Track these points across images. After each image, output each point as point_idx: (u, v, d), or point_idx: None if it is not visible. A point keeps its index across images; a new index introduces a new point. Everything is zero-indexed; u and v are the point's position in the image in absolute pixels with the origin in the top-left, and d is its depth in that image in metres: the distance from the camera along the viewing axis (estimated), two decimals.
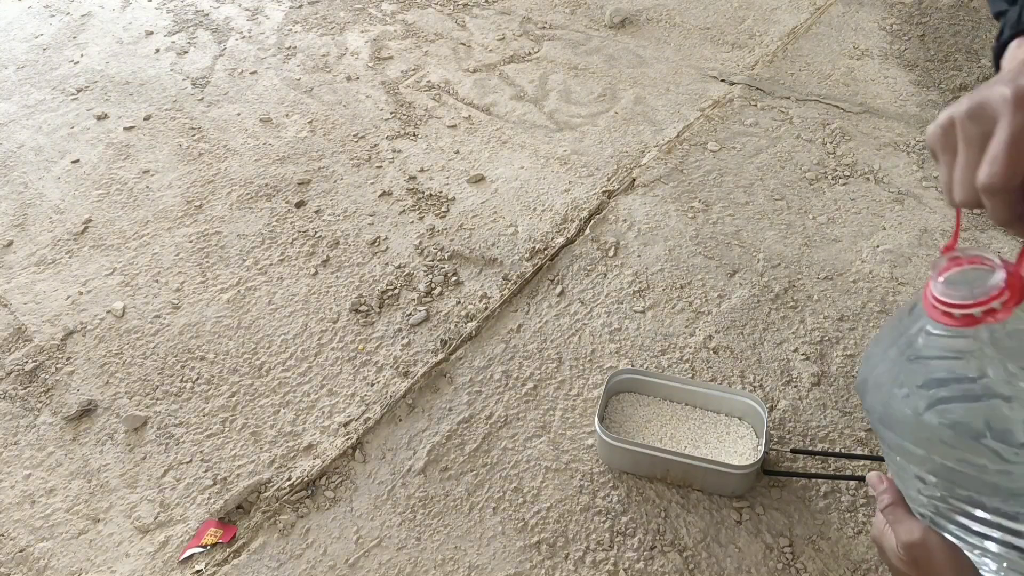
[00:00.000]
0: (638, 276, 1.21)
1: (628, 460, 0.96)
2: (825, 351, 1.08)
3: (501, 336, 1.15)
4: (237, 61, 1.85)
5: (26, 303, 1.29)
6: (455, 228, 1.34)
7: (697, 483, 0.95)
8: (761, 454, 0.92)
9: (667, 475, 0.95)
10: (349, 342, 1.17)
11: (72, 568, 0.95)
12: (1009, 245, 1.21)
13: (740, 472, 0.89)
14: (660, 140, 1.49)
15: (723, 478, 0.91)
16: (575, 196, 1.38)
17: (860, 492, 0.92)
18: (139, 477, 1.04)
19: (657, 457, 0.92)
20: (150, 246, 1.37)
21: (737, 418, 0.99)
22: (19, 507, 1.02)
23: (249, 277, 1.29)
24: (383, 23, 1.95)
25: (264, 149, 1.57)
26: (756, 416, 0.96)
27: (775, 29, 1.79)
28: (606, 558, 0.89)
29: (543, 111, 1.60)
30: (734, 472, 0.89)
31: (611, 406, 1.02)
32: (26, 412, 1.13)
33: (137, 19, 2.05)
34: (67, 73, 1.86)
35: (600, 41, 1.80)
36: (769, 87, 1.60)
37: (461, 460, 1.00)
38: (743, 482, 0.92)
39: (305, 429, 1.06)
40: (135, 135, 1.64)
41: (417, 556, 0.91)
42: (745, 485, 0.93)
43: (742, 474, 0.89)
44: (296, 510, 0.97)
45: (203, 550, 0.94)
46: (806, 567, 0.86)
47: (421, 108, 1.64)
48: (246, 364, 1.16)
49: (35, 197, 1.51)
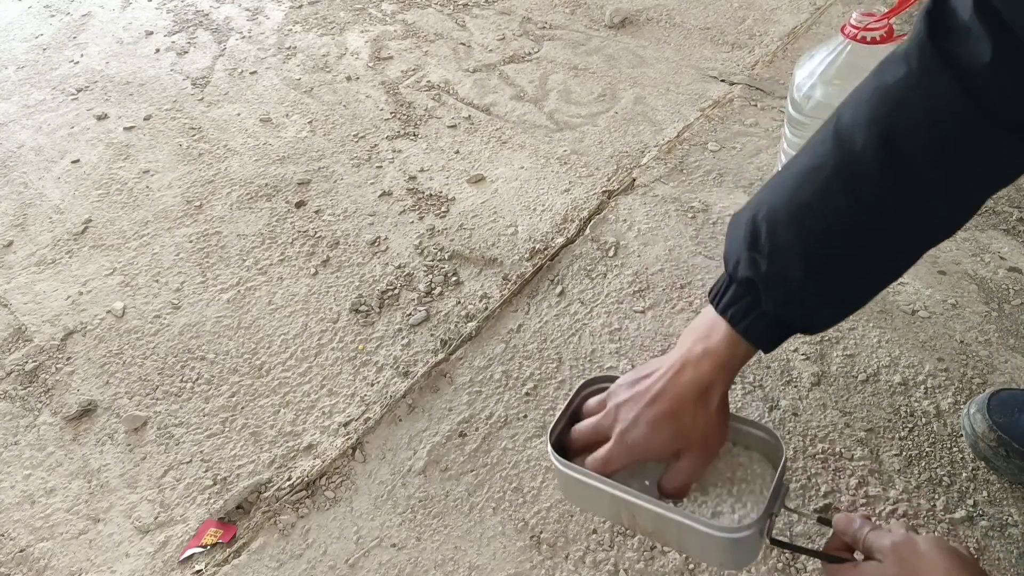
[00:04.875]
0: (638, 276, 1.21)
1: (584, 496, 0.67)
2: (825, 351, 1.08)
3: (501, 336, 1.15)
4: (237, 61, 1.85)
5: (26, 303, 1.29)
6: (455, 228, 1.34)
7: (673, 543, 0.68)
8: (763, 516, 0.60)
9: (634, 524, 0.65)
10: (349, 342, 1.17)
11: (72, 568, 0.95)
12: (1009, 245, 1.21)
13: (726, 536, 0.59)
14: (660, 140, 1.49)
15: (704, 542, 0.60)
16: (575, 196, 1.38)
17: (860, 492, 0.92)
18: (139, 477, 1.04)
19: (619, 498, 0.62)
20: (150, 246, 1.37)
21: (756, 453, 0.67)
22: (19, 507, 1.02)
23: (249, 277, 1.29)
24: (383, 23, 1.95)
25: (264, 149, 1.57)
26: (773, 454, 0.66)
27: (775, 29, 1.79)
28: (606, 558, 0.89)
29: (543, 111, 1.60)
30: (718, 535, 0.59)
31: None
32: (26, 412, 1.13)
33: (137, 19, 2.05)
34: (67, 73, 1.86)
35: (600, 41, 1.80)
36: (769, 87, 1.60)
37: (461, 460, 1.00)
38: (733, 553, 0.62)
39: (305, 429, 1.06)
40: (135, 135, 1.64)
41: (417, 556, 0.91)
42: (738, 557, 0.63)
43: (730, 540, 0.59)
44: (296, 510, 0.97)
45: (203, 550, 0.94)
46: (806, 567, 0.86)
47: (421, 108, 1.64)
48: (246, 364, 1.16)
49: (35, 197, 1.51)
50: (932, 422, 0.98)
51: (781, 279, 0.56)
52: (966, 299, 1.12)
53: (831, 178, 0.54)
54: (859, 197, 0.54)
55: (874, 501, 0.91)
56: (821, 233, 0.55)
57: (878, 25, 0.97)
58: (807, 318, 0.59)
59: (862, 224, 0.54)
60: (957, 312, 1.11)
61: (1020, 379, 1.02)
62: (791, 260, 0.56)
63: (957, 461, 0.94)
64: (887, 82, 0.52)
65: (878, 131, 0.52)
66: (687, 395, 0.61)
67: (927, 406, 1.00)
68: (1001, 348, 1.06)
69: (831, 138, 0.55)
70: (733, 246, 0.60)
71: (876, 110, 0.52)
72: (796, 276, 0.56)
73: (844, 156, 0.54)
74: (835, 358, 1.07)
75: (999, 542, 0.87)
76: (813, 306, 0.58)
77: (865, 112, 0.53)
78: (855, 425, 0.99)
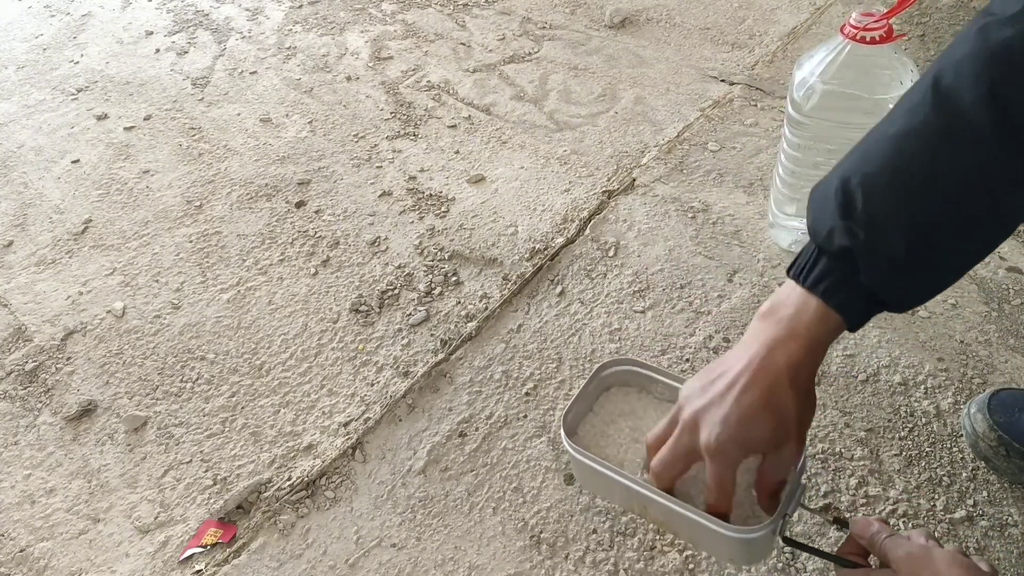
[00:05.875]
0: (638, 276, 1.21)
1: (598, 484, 0.69)
2: None
3: (501, 336, 1.15)
4: (237, 61, 1.85)
5: (26, 303, 1.29)
6: (455, 228, 1.34)
7: (684, 536, 0.69)
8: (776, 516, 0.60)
9: (646, 514, 0.67)
10: (349, 342, 1.17)
11: (72, 568, 0.95)
12: (1009, 245, 1.21)
13: (738, 536, 0.59)
14: (660, 140, 1.49)
15: (715, 539, 0.60)
16: (575, 196, 1.38)
17: (860, 492, 0.92)
18: (139, 477, 1.04)
19: (632, 489, 0.63)
20: (150, 246, 1.38)
21: None
22: (19, 507, 1.02)
23: (249, 277, 1.29)
24: (383, 23, 1.95)
25: (264, 149, 1.57)
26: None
27: (775, 29, 1.79)
28: (606, 558, 0.89)
29: (543, 111, 1.60)
30: (729, 535, 0.59)
31: (603, 408, 0.75)
32: (26, 412, 1.13)
33: (137, 19, 2.05)
34: (67, 73, 1.86)
35: (600, 41, 1.80)
36: (769, 87, 1.60)
37: (461, 460, 1.00)
38: (744, 552, 0.62)
39: (305, 429, 1.06)
40: (135, 135, 1.64)
41: (417, 556, 0.91)
42: (749, 555, 0.65)
43: (742, 539, 0.59)
44: (296, 510, 0.97)
45: (203, 550, 0.94)
46: (805, 567, 0.86)
47: (421, 108, 1.64)
48: (246, 364, 1.16)
49: (35, 197, 1.51)
50: (932, 422, 0.98)
51: (882, 249, 0.53)
52: (966, 299, 1.12)
53: (935, 141, 0.51)
54: (970, 159, 0.50)
55: (874, 501, 0.91)
56: (927, 199, 0.51)
57: (878, 25, 0.97)
58: (905, 292, 0.55)
59: (972, 188, 0.51)
60: (957, 312, 1.11)
61: (1020, 379, 1.02)
62: (893, 229, 0.52)
63: (957, 461, 0.94)
64: (994, 42, 0.49)
65: (988, 88, 0.48)
66: (781, 381, 0.56)
67: (927, 406, 1.00)
68: (1001, 348, 1.06)
69: (930, 100, 0.51)
70: (822, 216, 0.55)
71: (984, 68, 0.49)
72: (899, 246, 0.52)
73: (949, 117, 0.50)
74: (835, 358, 1.07)
75: (999, 542, 0.87)
76: (913, 279, 0.54)
77: (969, 71, 0.49)
78: (855, 425, 0.99)
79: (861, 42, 0.98)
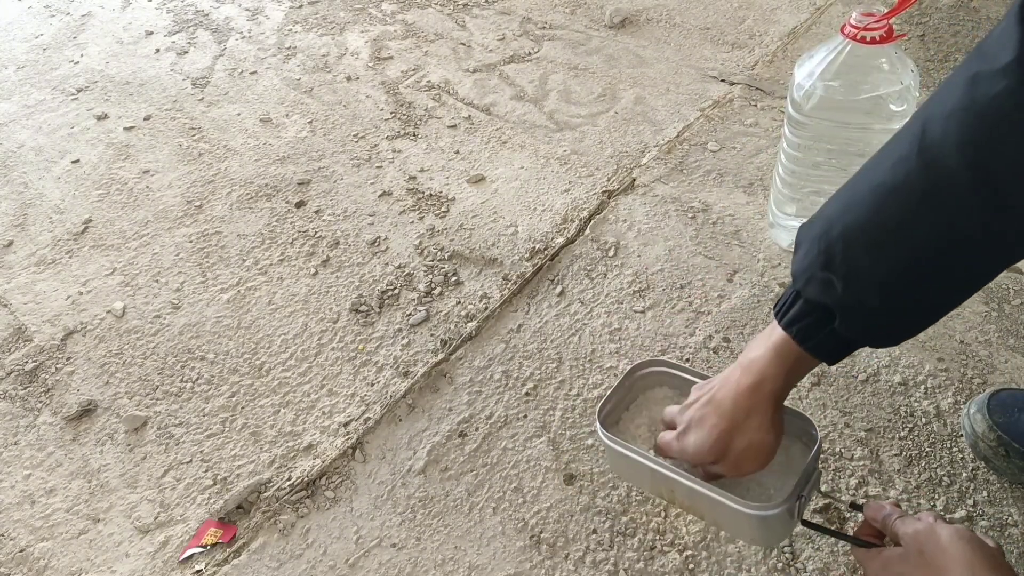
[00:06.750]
0: (638, 276, 1.21)
1: (628, 469, 0.81)
2: None
3: (501, 336, 1.15)
4: (237, 61, 1.85)
5: (26, 303, 1.29)
6: (455, 228, 1.34)
7: (708, 518, 0.79)
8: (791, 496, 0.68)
9: (672, 498, 0.78)
10: (349, 342, 1.17)
11: (72, 568, 0.95)
12: None
13: (754, 513, 0.68)
14: (660, 140, 1.49)
15: (736, 519, 0.70)
16: (575, 196, 1.38)
17: (860, 492, 0.92)
18: (139, 477, 1.04)
19: (659, 472, 0.74)
20: (150, 246, 1.38)
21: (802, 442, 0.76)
22: (19, 507, 1.02)
23: (249, 277, 1.29)
24: (383, 23, 1.95)
25: (264, 149, 1.57)
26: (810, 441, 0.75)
27: (775, 29, 1.79)
28: (606, 558, 0.89)
29: (543, 111, 1.60)
30: (745, 512, 0.68)
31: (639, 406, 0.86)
32: (26, 412, 1.13)
33: (137, 19, 2.05)
34: (67, 73, 1.86)
35: (600, 41, 1.80)
36: (769, 87, 1.60)
37: (461, 460, 1.00)
38: (763, 530, 0.71)
39: (305, 429, 1.06)
40: (135, 135, 1.64)
41: (417, 556, 0.91)
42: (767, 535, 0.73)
43: (758, 517, 0.68)
44: (296, 510, 0.97)
45: (203, 550, 0.94)
46: (806, 567, 0.86)
47: (421, 108, 1.64)
48: (246, 364, 1.16)
49: (35, 197, 1.51)
50: (932, 422, 0.98)
51: (858, 304, 0.54)
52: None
53: (917, 202, 0.50)
54: (951, 224, 0.49)
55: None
56: (905, 259, 0.52)
57: (878, 25, 0.97)
58: (881, 339, 0.57)
59: (951, 250, 0.51)
60: (957, 312, 1.11)
61: (1020, 379, 1.02)
62: (870, 286, 0.53)
63: (957, 461, 0.94)
64: (982, 98, 0.47)
65: (973, 153, 0.47)
66: (738, 411, 0.64)
67: (927, 406, 1.00)
68: (1001, 348, 1.06)
69: (915, 156, 0.50)
70: (803, 262, 0.57)
71: (970, 130, 0.47)
72: (874, 303, 0.53)
73: (934, 179, 0.49)
74: None
75: (999, 542, 0.87)
76: (890, 329, 0.56)
77: (956, 130, 0.48)
78: (855, 425, 0.99)
79: (861, 42, 0.98)
